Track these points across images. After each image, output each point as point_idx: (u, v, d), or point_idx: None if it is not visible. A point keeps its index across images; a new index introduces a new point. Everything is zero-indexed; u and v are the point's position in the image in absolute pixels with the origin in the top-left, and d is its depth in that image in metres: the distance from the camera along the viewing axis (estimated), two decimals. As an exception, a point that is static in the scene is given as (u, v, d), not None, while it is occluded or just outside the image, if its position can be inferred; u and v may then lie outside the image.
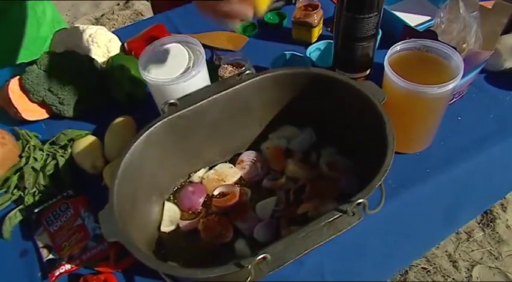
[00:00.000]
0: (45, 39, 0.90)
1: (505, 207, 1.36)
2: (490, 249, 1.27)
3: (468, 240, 1.29)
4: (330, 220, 0.45)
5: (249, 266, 0.42)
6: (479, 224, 1.32)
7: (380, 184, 0.48)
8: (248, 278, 0.43)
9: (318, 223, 0.45)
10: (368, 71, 0.70)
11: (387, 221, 0.62)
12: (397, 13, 0.81)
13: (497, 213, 1.34)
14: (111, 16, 2.57)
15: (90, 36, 0.84)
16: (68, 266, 0.59)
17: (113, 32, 0.89)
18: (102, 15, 2.56)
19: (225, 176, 0.66)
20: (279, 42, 0.88)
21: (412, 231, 0.66)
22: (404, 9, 0.83)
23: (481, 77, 0.76)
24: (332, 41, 0.71)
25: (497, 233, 1.30)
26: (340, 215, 0.45)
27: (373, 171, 0.50)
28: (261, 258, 0.42)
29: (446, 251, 1.28)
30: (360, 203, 0.45)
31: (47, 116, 0.80)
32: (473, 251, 1.28)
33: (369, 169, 0.52)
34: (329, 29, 0.89)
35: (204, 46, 0.69)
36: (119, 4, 2.79)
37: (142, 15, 2.62)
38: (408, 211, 0.63)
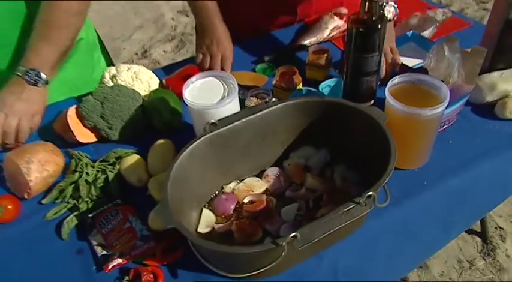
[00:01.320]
0: (97, 82, 1.04)
1: (504, 238, 1.45)
2: (492, 277, 1.34)
3: (471, 269, 1.36)
4: (346, 209, 0.56)
5: (283, 243, 0.53)
6: (480, 253, 1.40)
7: (385, 184, 0.60)
8: (282, 252, 0.53)
9: (337, 211, 0.56)
10: (372, 101, 0.84)
11: (393, 225, 0.73)
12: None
13: (496, 243, 1.42)
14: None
15: (134, 73, 0.99)
16: (119, 260, 0.69)
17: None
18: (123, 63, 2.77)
19: (253, 187, 0.77)
20: (295, 81, 1.03)
21: (415, 235, 0.76)
22: (402, 54, 0.98)
23: (467, 109, 0.90)
24: (340, 79, 0.86)
25: (498, 261, 1.38)
26: (355, 205, 0.56)
27: (379, 178, 0.61)
28: (292, 236, 0.53)
29: (450, 278, 1.34)
30: (370, 195, 0.56)
31: (95, 139, 0.92)
32: (476, 278, 1.34)
33: (375, 178, 0.63)
34: (336, 70, 1.04)
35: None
36: (137, 54, 3.03)
37: (159, 64, 2.84)
38: (410, 217, 0.74)
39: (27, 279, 0.70)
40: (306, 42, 1.12)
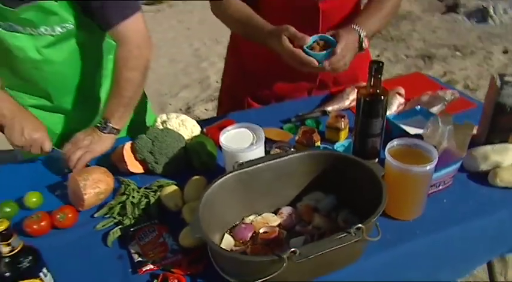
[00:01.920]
0: (146, 126, 1.26)
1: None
2: None
3: None
4: (339, 237, 0.69)
5: (284, 256, 0.66)
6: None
7: (375, 222, 0.73)
8: (284, 264, 0.66)
9: (332, 238, 0.69)
10: (376, 159, 0.98)
11: (387, 265, 0.84)
12: (402, 125, 1.12)
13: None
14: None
15: (181, 120, 1.19)
16: (151, 266, 0.83)
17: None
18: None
19: (268, 221, 0.91)
20: (315, 140, 1.20)
21: (407, 277, 0.86)
22: (408, 124, 1.14)
23: (463, 175, 1.02)
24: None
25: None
26: (346, 234, 0.70)
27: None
28: (292, 251, 0.66)
29: None
30: (359, 228, 0.70)
31: (142, 171, 1.11)
32: None
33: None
34: (351, 134, 1.20)
35: (263, 132, 1.01)
36: (181, 109, 3.34)
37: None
38: (403, 259, 0.85)
39: (78, 274, 0.85)
40: (329, 108, 1.31)
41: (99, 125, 1.11)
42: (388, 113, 1.22)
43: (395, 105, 1.28)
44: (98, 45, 1.24)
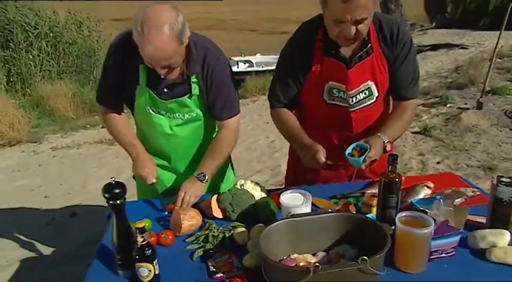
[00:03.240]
0: (228, 186, 1.74)
1: None
2: None
3: None
4: (349, 263, 1.03)
5: (311, 268, 1.01)
6: None
7: (378, 258, 1.05)
8: (310, 274, 1.01)
9: (343, 264, 1.03)
10: (393, 227, 1.31)
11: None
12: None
13: None
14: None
15: (254, 185, 1.63)
16: (222, 274, 1.21)
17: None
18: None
19: (307, 259, 1.25)
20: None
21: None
22: (427, 208, 1.45)
23: (466, 251, 1.29)
24: (379, 212, 1.36)
25: None
26: (354, 262, 1.03)
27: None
28: (316, 266, 1.01)
29: None
30: (364, 259, 1.03)
31: (221, 217, 1.53)
32: None
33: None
34: (384, 211, 1.53)
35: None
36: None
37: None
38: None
39: (172, 274, 1.24)
40: (368, 191, 1.66)
41: (197, 176, 1.62)
42: (414, 198, 1.55)
43: (422, 194, 1.60)
44: (209, 127, 1.78)
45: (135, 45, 1.46)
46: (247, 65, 11.38)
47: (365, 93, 1.64)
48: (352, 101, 1.63)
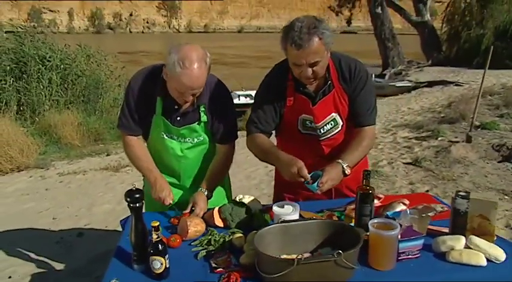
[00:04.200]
0: (226, 200, 1.99)
1: None
2: None
3: None
4: (327, 256, 1.26)
5: (295, 259, 1.24)
6: None
7: (352, 253, 1.28)
8: (294, 264, 1.23)
9: (322, 257, 1.26)
10: (368, 233, 1.53)
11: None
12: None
13: None
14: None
15: (250, 200, 1.86)
16: (222, 269, 1.43)
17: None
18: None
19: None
20: (337, 223, 1.77)
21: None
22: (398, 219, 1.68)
23: (430, 254, 1.51)
24: (358, 221, 1.59)
25: None
26: (331, 256, 1.26)
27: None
28: (299, 258, 1.24)
29: None
30: (339, 253, 1.25)
31: (222, 225, 1.76)
32: None
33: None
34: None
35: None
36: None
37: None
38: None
39: (179, 270, 1.46)
40: (351, 206, 1.90)
41: (204, 192, 1.86)
42: (390, 212, 1.78)
43: (398, 209, 1.83)
44: (213, 149, 2.04)
45: (152, 80, 1.80)
46: (248, 98, 11.87)
47: (331, 124, 1.92)
48: (321, 131, 1.92)
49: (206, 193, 1.89)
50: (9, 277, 2.97)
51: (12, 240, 3.59)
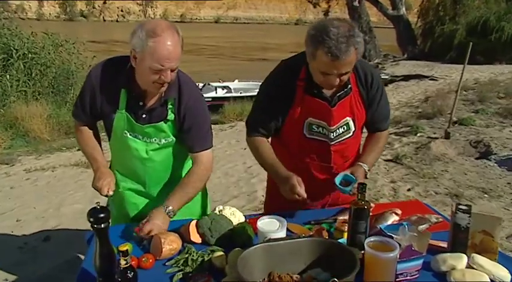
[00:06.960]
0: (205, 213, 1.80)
1: None
2: None
3: None
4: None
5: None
6: None
7: (351, 278, 1.13)
8: None
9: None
10: (363, 251, 1.40)
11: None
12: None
13: None
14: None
15: (232, 211, 1.70)
16: (200, 297, 1.26)
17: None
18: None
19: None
20: (326, 237, 1.63)
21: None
22: (394, 233, 1.55)
23: (429, 273, 1.39)
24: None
25: None
26: (326, 284, 1.11)
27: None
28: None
29: None
30: (334, 281, 1.11)
31: (200, 241, 1.59)
32: None
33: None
34: (354, 237, 1.63)
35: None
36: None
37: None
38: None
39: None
40: (341, 217, 1.76)
41: (165, 209, 1.65)
42: (383, 224, 1.65)
43: (390, 220, 1.70)
44: (183, 152, 1.84)
45: (116, 71, 1.62)
46: (225, 90, 11.56)
47: (343, 128, 1.80)
48: (333, 135, 1.79)
49: (167, 211, 1.65)
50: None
51: (-31, 246, 3.32)
